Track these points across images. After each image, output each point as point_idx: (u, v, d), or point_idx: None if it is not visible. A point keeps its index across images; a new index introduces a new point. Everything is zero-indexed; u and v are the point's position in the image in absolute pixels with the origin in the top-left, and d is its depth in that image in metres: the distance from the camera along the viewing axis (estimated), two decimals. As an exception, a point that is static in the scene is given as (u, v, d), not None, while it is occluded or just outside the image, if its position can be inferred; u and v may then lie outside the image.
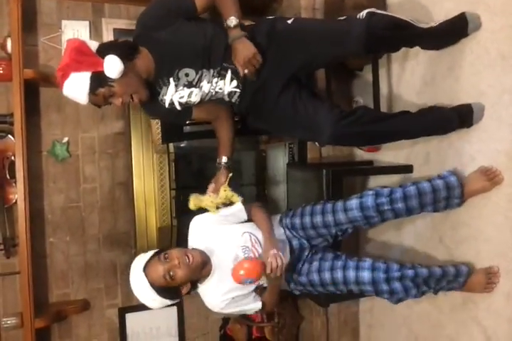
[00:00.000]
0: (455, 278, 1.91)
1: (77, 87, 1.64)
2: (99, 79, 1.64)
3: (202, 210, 1.94)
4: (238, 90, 1.87)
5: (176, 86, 1.80)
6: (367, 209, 1.86)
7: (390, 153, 2.52)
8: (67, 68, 1.63)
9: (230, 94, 1.88)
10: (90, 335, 2.64)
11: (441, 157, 2.18)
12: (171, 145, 2.59)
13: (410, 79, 2.34)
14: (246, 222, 1.97)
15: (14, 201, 2.40)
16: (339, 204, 1.92)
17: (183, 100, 1.84)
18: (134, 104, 1.81)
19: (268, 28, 1.84)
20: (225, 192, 1.95)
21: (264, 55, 1.78)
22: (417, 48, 2.17)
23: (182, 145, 2.70)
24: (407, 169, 2.30)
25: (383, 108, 2.40)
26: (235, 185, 2.02)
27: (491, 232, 1.96)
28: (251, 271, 1.69)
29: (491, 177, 1.91)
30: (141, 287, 1.71)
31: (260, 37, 1.81)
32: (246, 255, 1.83)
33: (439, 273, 1.87)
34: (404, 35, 1.88)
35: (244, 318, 2.67)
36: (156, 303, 1.74)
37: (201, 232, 1.89)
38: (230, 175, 1.99)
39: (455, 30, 1.99)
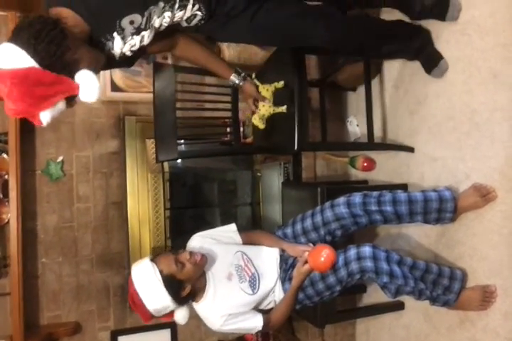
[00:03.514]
0: (450, 282, 1.90)
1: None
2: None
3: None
4: (200, 13, 1.64)
5: (123, 38, 1.52)
6: (353, 205, 1.88)
7: (385, 173, 2.54)
8: (32, 110, 1.33)
9: (190, 18, 1.66)
10: (82, 359, 2.58)
11: (436, 175, 2.20)
12: (165, 165, 2.60)
13: (403, 98, 2.38)
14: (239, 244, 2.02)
15: (6, 221, 2.37)
16: (327, 203, 1.96)
17: (136, 47, 1.58)
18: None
19: None
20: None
21: None
22: (412, 68, 2.21)
23: (177, 165, 2.71)
24: (402, 188, 2.29)
25: (377, 127, 2.43)
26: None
27: (487, 250, 1.95)
28: (330, 254, 1.77)
29: (483, 194, 1.92)
30: (147, 275, 1.69)
31: None
32: (239, 273, 1.87)
33: (435, 270, 1.88)
34: None
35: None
36: (157, 299, 1.69)
37: (199, 249, 1.89)
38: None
39: (434, 11, 2.01)
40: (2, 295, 2.40)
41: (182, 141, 2.35)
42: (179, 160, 2.71)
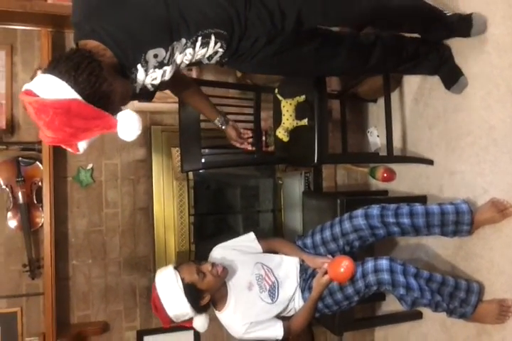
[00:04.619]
0: (467, 294, 1.92)
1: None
2: None
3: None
4: (222, 50, 1.63)
5: (146, 70, 1.50)
6: (371, 217, 1.93)
7: (405, 184, 2.56)
8: (71, 139, 1.35)
9: (211, 56, 1.65)
10: (109, 356, 2.69)
11: (455, 188, 2.21)
12: (190, 172, 2.67)
13: (423, 111, 2.39)
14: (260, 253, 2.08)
15: (40, 225, 2.49)
16: (346, 215, 2.02)
17: (157, 81, 1.57)
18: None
19: None
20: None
21: None
22: (431, 82, 2.22)
23: (201, 172, 2.78)
24: (422, 199, 2.32)
25: (397, 139, 2.45)
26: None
27: (504, 265, 1.96)
28: (349, 266, 1.83)
29: (501, 209, 1.93)
30: (169, 281, 1.77)
31: None
32: (260, 282, 1.94)
33: (452, 283, 1.91)
34: None
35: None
36: (177, 306, 1.76)
37: (220, 260, 1.97)
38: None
39: (459, 27, 2.01)
40: (36, 295, 2.53)
41: (206, 150, 2.42)
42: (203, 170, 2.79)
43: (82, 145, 1.39)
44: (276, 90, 2.16)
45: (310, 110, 2.12)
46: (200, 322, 1.87)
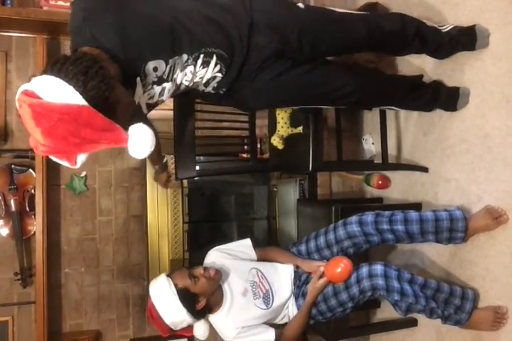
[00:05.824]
0: (462, 301, 1.92)
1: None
2: None
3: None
4: (220, 75, 1.58)
5: (144, 85, 1.40)
6: (365, 224, 1.92)
7: (400, 191, 2.56)
8: (73, 150, 1.21)
9: (208, 81, 1.60)
10: (101, 366, 2.67)
11: (449, 196, 2.22)
12: (184, 180, 2.66)
13: (418, 119, 2.40)
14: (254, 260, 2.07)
15: (32, 232, 2.48)
16: (340, 221, 2.02)
17: (153, 101, 1.48)
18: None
19: None
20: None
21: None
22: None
23: (195, 180, 2.77)
24: (416, 207, 2.32)
25: (392, 146, 2.46)
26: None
27: (499, 272, 1.97)
28: (347, 264, 1.85)
29: (495, 217, 1.93)
30: (163, 288, 1.77)
31: None
32: (254, 289, 1.94)
33: (446, 289, 1.90)
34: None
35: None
36: (173, 312, 1.75)
37: (215, 264, 1.96)
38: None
39: (463, 41, 2.01)
40: (27, 304, 2.51)
41: (201, 158, 2.42)
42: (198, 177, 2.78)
43: (81, 159, 1.24)
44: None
45: (305, 118, 2.12)
46: (201, 330, 1.86)
